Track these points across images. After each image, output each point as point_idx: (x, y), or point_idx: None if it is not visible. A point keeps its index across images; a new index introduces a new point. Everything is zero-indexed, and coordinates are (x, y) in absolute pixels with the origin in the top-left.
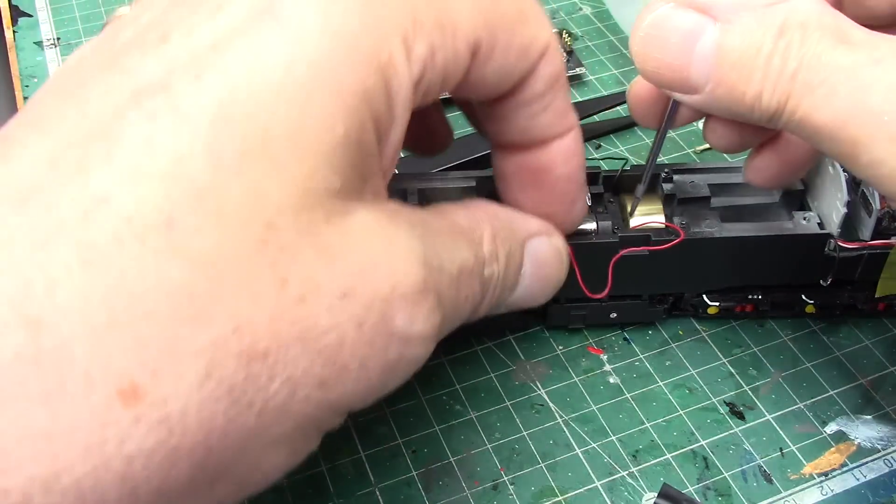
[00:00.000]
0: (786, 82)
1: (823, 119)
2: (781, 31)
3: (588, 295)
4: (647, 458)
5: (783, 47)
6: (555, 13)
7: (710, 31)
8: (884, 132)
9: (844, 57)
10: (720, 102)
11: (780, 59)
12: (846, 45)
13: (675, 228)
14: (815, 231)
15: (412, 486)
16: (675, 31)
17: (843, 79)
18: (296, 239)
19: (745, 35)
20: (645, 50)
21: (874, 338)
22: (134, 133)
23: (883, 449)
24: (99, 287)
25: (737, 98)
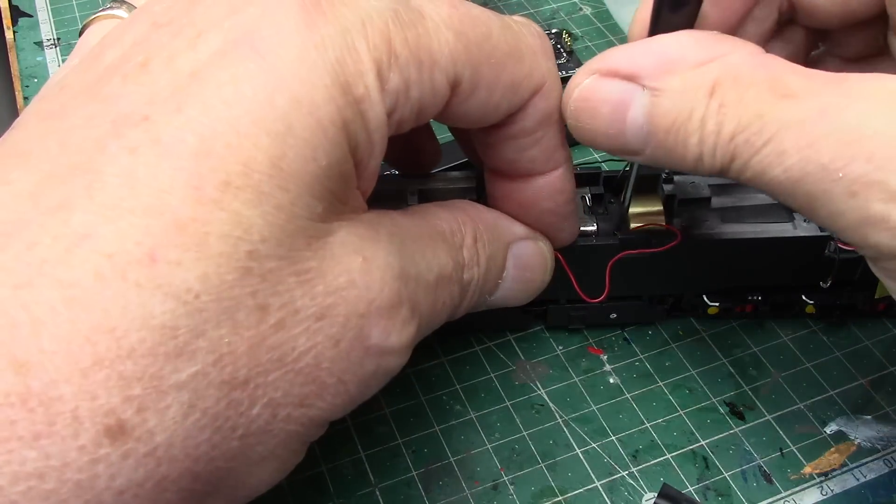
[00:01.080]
0: (725, 144)
1: (776, 178)
2: (712, 92)
3: (585, 300)
4: (647, 458)
5: (716, 108)
6: (555, 13)
7: (638, 99)
8: (839, 187)
9: (786, 112)
10: (663, 163)
11: (714, 121)
12: (786, 98)
13: (674, 230)
14: (816, 233)
15: (412, 486)
16: (603, 102)
17: (789, 136)
18: (277, 266)
19: (674, 100)
20: (578, 122)
21: (874, 338)
22: (115, 167)
23: (883, 449)
24: (83, 326)
25: (678, 160)
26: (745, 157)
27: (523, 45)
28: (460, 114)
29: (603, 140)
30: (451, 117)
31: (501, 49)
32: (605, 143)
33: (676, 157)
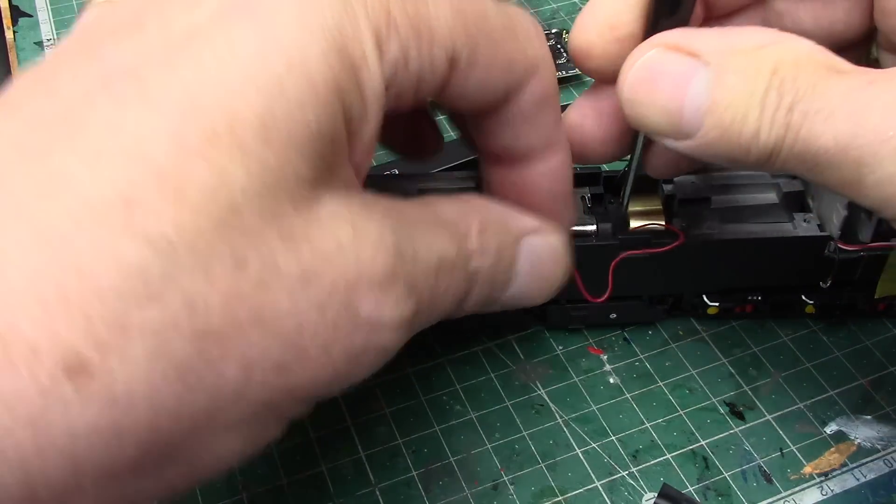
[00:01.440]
0: (783, 116)
1: (825, 144)
2: (775, 70)
3: (588, 299)
4: (647, 458)
5: (777, 84)
6: (555, 13)
7: (701, 75)
8: (888, 149)
9: (838, 83)
10: (714, 146)
11: (775, 94)
12: (838, 73)
13: (675, 230)
14: (815, 233)
15: (412, 486)
16: (665, 74)
17: (840, 103)
18: (259, 223)
19: (738, 76)
20: (635, 95)
21: (874, 338)
22: (99, 116)
23: (883, 449)
24: (51, 264)
25: (732, 139)
26: (797, 127)
27: (518, 26)
28: (458, 94)
29: (657, 117)
30: (448, 98)
31: (498, 28)
32: (660, 119)
33: (732, 136)
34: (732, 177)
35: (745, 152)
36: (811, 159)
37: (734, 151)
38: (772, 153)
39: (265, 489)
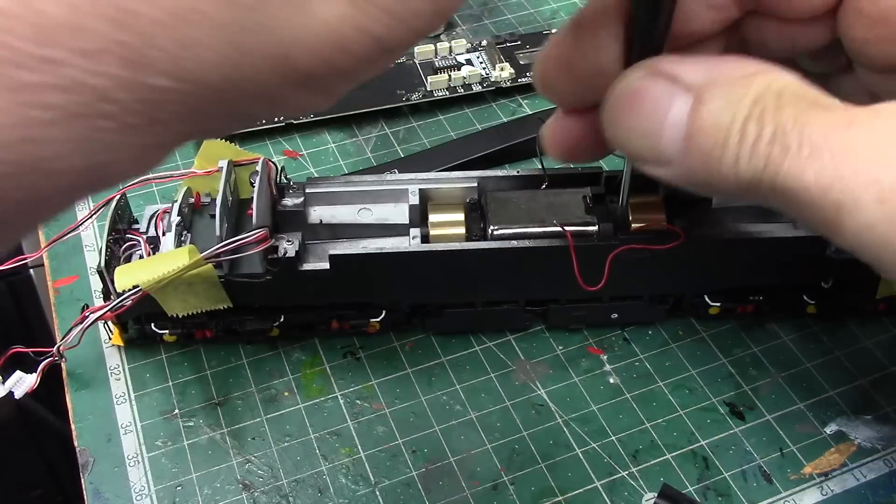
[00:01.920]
0: (763, 147)
1: (806, 183)
2: (756, 100)
3: (584, 288)
4: (647, 458)
5: (758, 114)
6: (555, 13)
7: (682, 99)
8: (871, 194)
9: (821, 120)
10: (693, 174)
11: (755, 124)
12: (821, 109)
13: (676, 230)
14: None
15: (412, 486)
16: (646, 99)
17: (821, 141)
18: None
19: (719, 103)
20: (615, 118)
21: (874, 338)
22: None
23: (883, 449)
24: None
25: (712, 167)
26: (779, 161)
27: None
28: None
29: (637, 139)
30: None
31: None
32: (639, 143)
33: (711, 163)
34: None
35: (725, 181)
36: (791, 196)
37: (714, 179)
38: (751, 184)
39: (265, 489)
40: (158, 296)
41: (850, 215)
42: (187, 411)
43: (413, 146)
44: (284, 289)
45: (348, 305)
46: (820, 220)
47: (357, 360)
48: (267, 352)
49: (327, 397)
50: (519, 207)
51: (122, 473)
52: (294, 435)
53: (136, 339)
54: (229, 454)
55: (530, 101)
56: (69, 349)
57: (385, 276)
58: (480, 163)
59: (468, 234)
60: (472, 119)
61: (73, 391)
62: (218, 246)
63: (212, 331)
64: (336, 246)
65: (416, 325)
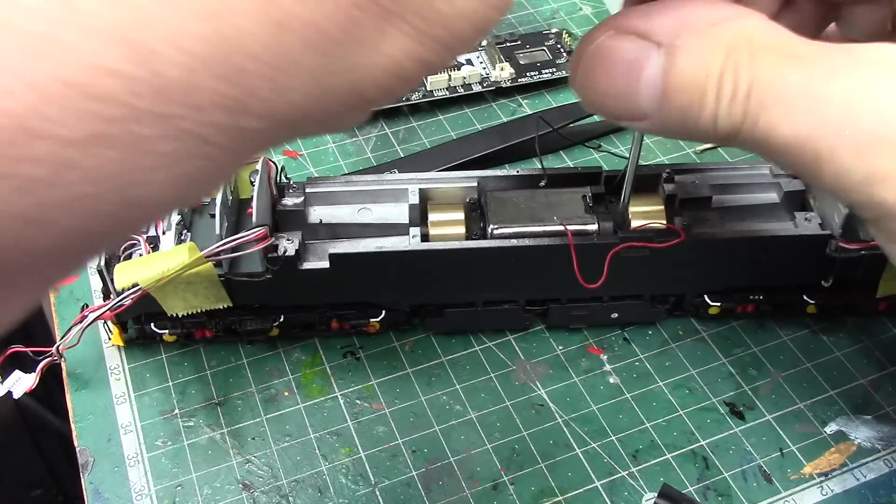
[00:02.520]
0: (740, 102)
1: (784, 136)
2: (729, 51)
3: (584, 286)
4: (647, 458)
5: (732, 66)
6: (555, 13)
7: (654, 58)
8: (846, 144)
9: (796, 72)
10: (672, 128)
11: (731, 77)
12: (797, 60)
13: (676, 229)
14: (817, 232)
15: (412, 486)
16: (618, 61)
17: (798, 94)
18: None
19: (692, 57)
20: (588, 83)
21: (874, 338)
22: None
23: (883, 449)
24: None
25: (689, 121)
26: (756, 116)
27: None
28: None
29: (613, 102)
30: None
31: None
32: (615, 105)
33: (690, 118)
34: (733, 176)
35: (703, 133)
36: (769, 146)
37: (692, 132)
38: (729, 135)
39: (265, 489)
40: (158, 295)
41: (828, 164)
42: (187, 411)
43: (413, 146)
44: (284, 288)
45: (348, 305)
46: (798, 167)
47: (357, 359)
48: (267, 352)
49: (327, 397)
50: (519, 207)
51: (122, 473)
52: (294, 435)
53: (135, 338)
54: (229, 454)
55: (530, 101)
56: (68, 349)
57: (385, 276)
58: (480, 163)
59: (468, 233)
60: (472, 119)
61: (73, 391)
62: (218, 244)
63: (211, 330)
64: (336, 245)
65: (416, 325)
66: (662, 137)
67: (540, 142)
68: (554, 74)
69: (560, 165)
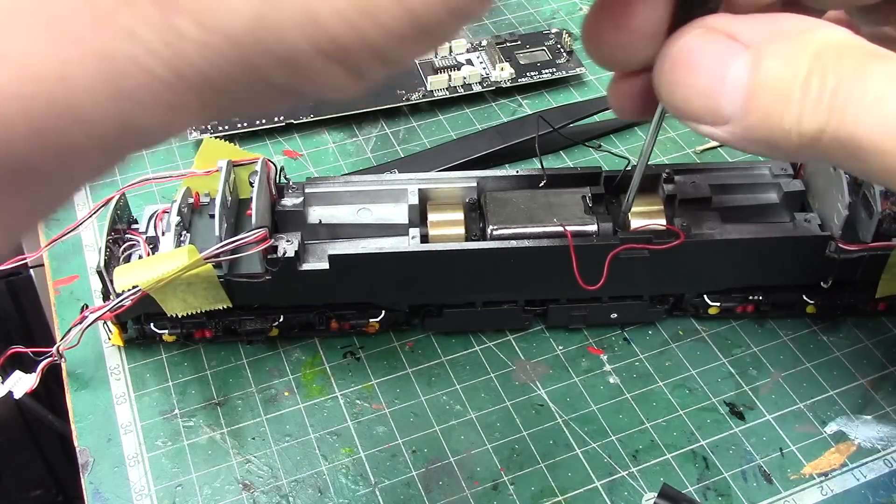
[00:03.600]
0: (826, 100)
1: (870, 130)
2: (817, 54)
3: (584, 287)
4: (647, 458)
5: (820, 68)
6: (555, 13)
7: (742, 57)
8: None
9: (883, 67)
10: (754, 131)
11: (818, 79)
12: (881, 58)
13: (675, 230)
14: (816, 233)
15: (412, 486)
16: (705, 57)
17: (885, 87)
18: None
19: (780, 59)
20: (674, 77)
21: (874, 338)
22: None
23: (883, 449)
24: None
25: (773, 124)
26: (841, 112)
27: None
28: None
29: (697, 100)
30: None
31: None
32: (699, 103)
33: (773, 121)
34: (733, 176)
35: (787, 138)
36: (855, 145)
37: (775, 137)
38: (813, 138)
39: (265, 489)
40: (158, 296)
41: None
42: (187, 411)
43: (413, 146)
44: (284, 289)
45: (348, 305)
46: (885, 167)
47: (357, 360)
48: (267, 352)
49: (327, 397)
50: (518, 207)
51: (122, 473)
52: (294, 435)
53: (135, 339)
54: (229, 454)
55: (530, 101)
56: (69, 349)
57: (384, 276)
58: (480, 163)
59: (467, 234)
60: (472, 119)
61: (73, 391)
62: (217, 246)
63: (211, 331)
64: (335, 246)
65: (416, 325)
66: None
67: (540, 142)
68: (554, 74)
69: (560, 165)
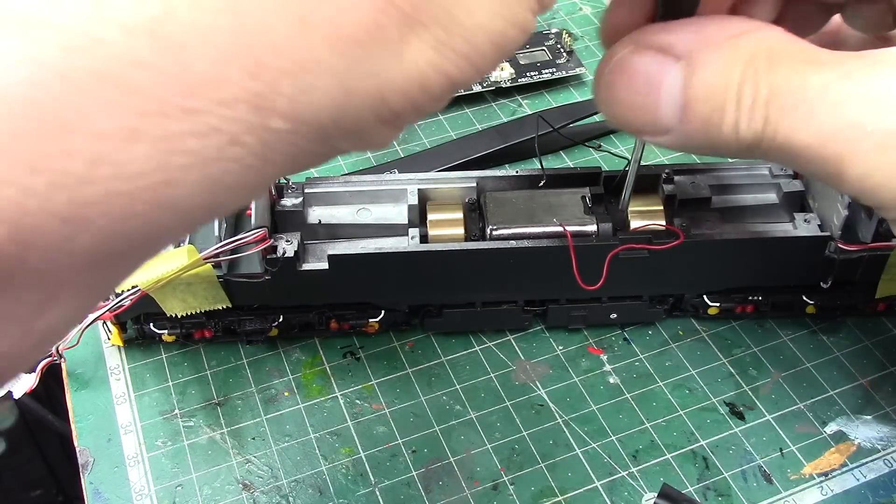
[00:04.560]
0: (760, 108)
1: (805, 139)
2: (749, 61)
3: (584, 287)
4: (647, 458)
5: (752, 75)
6: (555, 13)
7: (674, 71)
8: (868, 143)
9: (815, 76)
10: (693, 140)
11: (751, 86)
12: (814, 65)
13: (675, 230)
14: (816, 233)
15: (412, 486)
16: (638, 75)
17: (817, 97)
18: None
19: (711, 69)
20: (610, 96)
21: (874, 338)
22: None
23: (883, 449)
24: None
25: (712, 132)
26: (777, 121)
27: None
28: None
29: (634, 116)
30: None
31: None
32: (637, 119)
33: (712, 129)
34: (732, 177)
35: (725, 144)
36: (792, 151)
37: (715, 144)
38: (751, 144)
39: (265, 489)
40: (157, 296)
41: (851, 164)
42: (187, 411)
43: (413, 146)
44: (283, 289)
45: (347, 305)
46: (823, 172)
47: (357, 360)
48: (267, 352)
49: (327, 397)
50: (518, 207)
51: (122, 473)
52: (294, 435)
53: (135, 338)
54: (229, 454)
55: (530, 101)
56: (68, 349)
57: (384, 277)
58: (480, 163)
59: (467, 234)
60: (472, 119)
61: (73, 391)
62: (217, 245)
63: (211, 331)
64: (335, 246)
65: (416, 325)
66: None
67: (540, 142)
68: (554, 74)
69: (560, 166)
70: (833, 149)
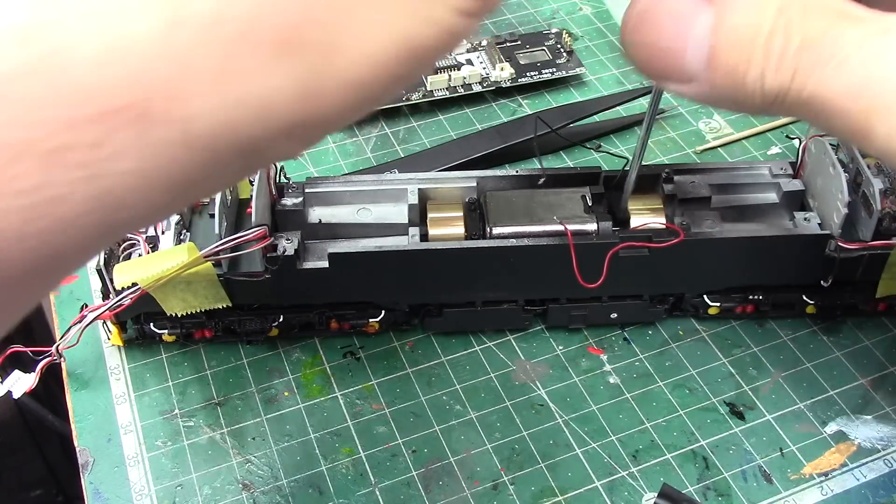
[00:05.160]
0: (790, 59)
1: (834, 93)
2: (781, 10)
3: (584, 285)
4: (647, 458)
5: (783, 25)
6: (555, 13)
7: (705, 14)
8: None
9: (850, 30)
10: (718, 89)
11: (781, 36)
12: (850, 19)
13: (675, 229)
14: (816, 232)
15: (412, 486)
16: (667, 15)
17: (851, 51)
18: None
19: (742, 15)
20: (636, 37)
21: (874, 338)
22: None
23: (883, 449)
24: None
25: (737, 82)
26: (806, 73)
27: None
28: None
29: (660, 58)
30: None
31: None
32: (662, 61)
33: (737, 78)
34: (732, 176)
35: (750, 95)
36: (819, 105)
37: (739, 95)
38: (777, 96)
39: (265, 489)
40: (157, 294)
41: (881, 120)
42: (187, 411)
43: (413, 146)
44: (283, 288)
45: (348, 305)
46: (848, 128)
47: (357, 360)
48: (267, 352)
49: (327, 397)
50: (518, 206)
51: (122, 473)
52: (294, 435)
53: (135, 338)
54: (229, 454)
55: (530, 101)
56: (68, 349)
57: (384, 276)
58: (480, 163)
59: (467, 233)
60: (472, 119)
61: (73, 391)
62: (217, 243)
63: (211, 330)
64: (335, 245)
65: (416, 325)
66: (710, 106)
67: (539, 142)
68: (554, 74)
69: (559, 165)
70: (863, 104)
